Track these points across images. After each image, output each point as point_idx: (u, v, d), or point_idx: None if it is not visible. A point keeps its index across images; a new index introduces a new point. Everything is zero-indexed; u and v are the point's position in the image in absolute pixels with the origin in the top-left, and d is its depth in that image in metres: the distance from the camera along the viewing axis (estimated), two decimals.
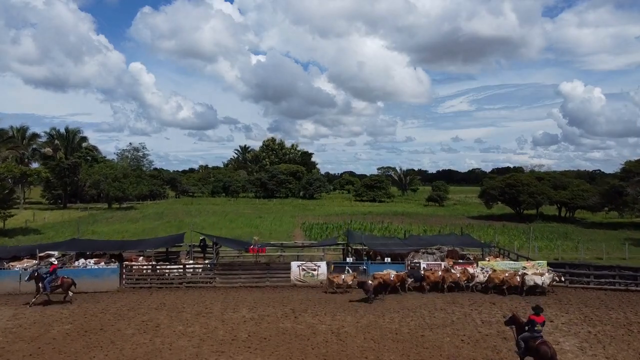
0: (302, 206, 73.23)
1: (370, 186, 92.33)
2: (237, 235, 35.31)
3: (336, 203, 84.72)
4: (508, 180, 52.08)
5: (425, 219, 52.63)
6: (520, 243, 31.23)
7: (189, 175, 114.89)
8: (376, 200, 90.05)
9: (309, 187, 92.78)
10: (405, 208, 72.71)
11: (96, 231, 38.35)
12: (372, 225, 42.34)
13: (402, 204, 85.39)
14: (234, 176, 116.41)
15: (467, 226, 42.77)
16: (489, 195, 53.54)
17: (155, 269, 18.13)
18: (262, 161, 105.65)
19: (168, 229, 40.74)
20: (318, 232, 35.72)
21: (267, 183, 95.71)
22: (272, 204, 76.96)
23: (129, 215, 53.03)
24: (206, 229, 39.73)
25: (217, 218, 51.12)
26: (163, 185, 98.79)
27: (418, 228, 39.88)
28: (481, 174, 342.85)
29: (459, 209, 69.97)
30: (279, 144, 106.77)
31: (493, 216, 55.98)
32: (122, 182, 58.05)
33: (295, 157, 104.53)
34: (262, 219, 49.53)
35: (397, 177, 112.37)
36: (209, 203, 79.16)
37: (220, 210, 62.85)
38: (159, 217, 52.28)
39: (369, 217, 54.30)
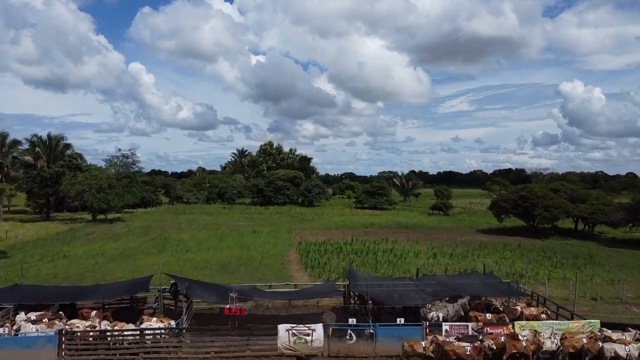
0: (300, 216, 69.39)
1: (371, 193, 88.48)
2: (225, 260, 31.52)
3: (336, 211, 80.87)
4: (521, 192, 48.25)
5: (431, 234, 48.79)
6: (545, 272, 27.38)
7: (183, 180, 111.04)
8: (377, 208, 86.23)
9: (308, 194, 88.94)
10: (409, 218, 68.86)
11: (69, 253, 34.52)
12: (375, 245, 38.48)
13: (404, 212, 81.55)
14: (230, 181, 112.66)
15: (479, 246, 38.95)
16: (500, 208, 49.72)
17: (105, 334, 14.31)
18: (259, 166, 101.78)
19: (151, 249, 36.94)
20: (315, 256, 31.91)
21: (264, 189, 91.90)
22: (269, 213, 73.13)
23: (112, 230, 49.18)
24: (192, 250, 35.96)
25: (207, 233, 47.29)
26: (156, 192, 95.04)
27: (426, 250, 36.04)
28: (482, 176, 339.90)
29: (465, 219, 66.10)
30: (276, 148, 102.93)
31: (504, 229, 52.17)
32: (108, 192, 54.19)
33: (294, 162, 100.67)
34: (256, 235, 45.67)
35: (399, 182, 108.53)
36: (202, 212, 75.31)
37: (212, 221, 59.01)
38: (144, 232, 48.43)
39: (371, 231, 50.46)
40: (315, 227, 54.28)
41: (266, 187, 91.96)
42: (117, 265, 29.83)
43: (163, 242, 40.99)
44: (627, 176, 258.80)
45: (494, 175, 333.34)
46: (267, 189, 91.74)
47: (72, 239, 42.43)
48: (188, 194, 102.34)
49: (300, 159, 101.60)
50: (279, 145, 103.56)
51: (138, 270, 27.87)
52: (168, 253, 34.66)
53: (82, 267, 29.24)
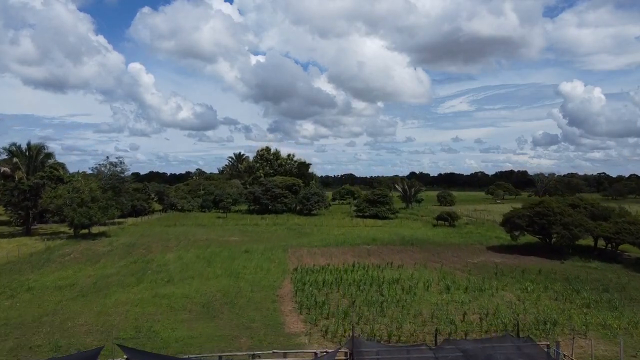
0: (298, 228, 65.51)
1: (372, 201, 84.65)
2: (209, 295, 27.63)
3: (335, 221, 76.99)
4: (537, 207, 44.35)
5: (439, 253, 44.93)
6: (580, 317, 23.47)
7: (177, 186, 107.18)
8: (379, 216, 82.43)
9: (306, 202, 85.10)
10: (413, 230, 64.99)
11: (35, 285, 30.65)
12: (379, 271, 34.59)
13: (408, 221, 77.67)
14: (227, 187, 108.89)
15: (495, 272, 35.07)
16: (513, 225, 45.80)
17: None
18: (256, 172, 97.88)
19: (129, 277, 33.06)
20: (312, 290, 28.03)
21: (261, 197, 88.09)
22: (265, 225, 69.27)
23: (93, 249, 45.30)
24: (173, 280, 32.05)
25: (195, 253, 43.42)
26: (148, 200, 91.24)
27: (437, 277, 32.13)
28: (484, 178, 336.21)
29: (473, 232, 62.18)
30: (274, 153, 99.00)
31: (517, 247, 48.30)
32: (90, 207, 50.30)
33: (292, 168, 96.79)
34: (248, 257, 41.78)
35: (401, 188, 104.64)
36: (194, 222, 71.45)
37: (203, 236, 55.15)
38: (127, 251, 44.57)
39: (374, 250, 46.59)
40: (313, 244, 50.43)
41: (263, 194, 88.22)
42: (84, 304, 25.95)
43: (144, 266, 37.09)
44: (631, 179, 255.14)
45: (495, 178, 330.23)
46: (264, 196, 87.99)
47: (45, 263, 38.55)
48: (182, 201, 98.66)
49: (298, 164, 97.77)
50: (276, 151, 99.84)
51: (105, 313, 24.02)
52: (146, 284, 30.77)
53: (43, 307, 25.36)
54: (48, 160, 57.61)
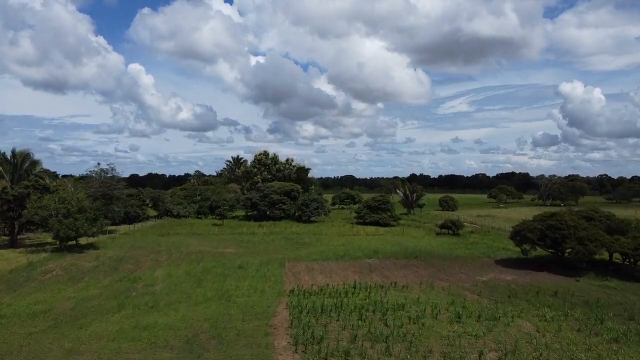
0: (296, 237, 62.88)
1: (373, 208, 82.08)
2: (195, 326, 25.01)
3: (335, 229, 74.43)
4: (549, 221, 41.76)
5: (446, 269, 42.35)
6: (612, 358, 20.84)
7: (173, 191, 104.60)
8: (380, 223, 79.89)
9: (305, 209, 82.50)
10: (417, 240, 62.42)
11: (7, 312, 28.06)
12: (383, 294, 31.99)
13: (410, 229, 75.08)
14: (224, 192, 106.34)
15: (508, 295, 32.44)
16: (524, 238, 43.19)
17: None
18: (254, 177, 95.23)
19: (110, 301, 30.47)
20: (309, 320, 25.40)
21: (259, 204, 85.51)
22: (262, 234, 66.67)
23: (78, 264, 42.69)
24: (158, 305, 29.43)
25: (186, 269, 40.87)
26: (142, 206, 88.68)
27: (446, 302, 29.49)
28: (485, 180, 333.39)
29: (479, 243, 59.61)
30: (272, 158, 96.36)
31: (527, 261, 45.75)
32: (77, 218, 47.70)
33: (291, 174, 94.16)
34: (242, 273, 39.19)
35: (403, 193, 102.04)
36: (189, 231, 68.85)
37: (196, 248, 52.54)
38: (114, 267, 42.00)
39: (376, 265, 43.97)
40: (312, 257, 47.81)
41: (260, 201, 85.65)
42: (56, 338, 23.33)
43: (130, 286, 34.51)
44: (634, 181, 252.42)
45: (497, 179, 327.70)
46: (262, 203, 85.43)
47: (23, 282, 35.96)
48: (178, 207, 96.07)
49: (297, 169, 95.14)
50: (274, 155, 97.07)
51: (76, 351, 21.37)
52: (129, 310, 28.18)
53: (9, 342, 22.75)
54: (34, 168, 55.11)
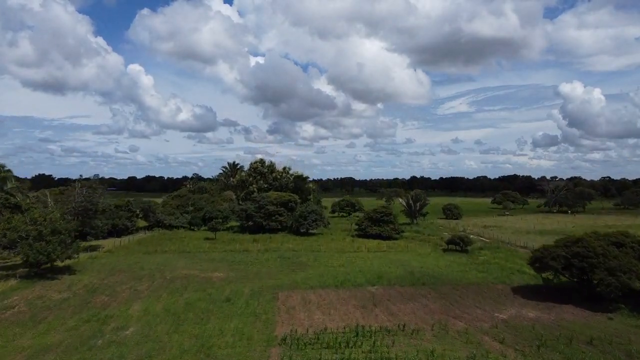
0: (293, 256, 58.28)
1: (375, 220, 77.54)
2: None
3: (335, 243, 69.95)
4: (575, 248, 37.18)
5: (459, 301, 37.74)
6: None
7: (165, 200, 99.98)
8: (383, 237, 75.39)
9: (303, 221, 77.93)
10: (422, 258, 57.89)
11: None
12: (390, 341, 27.40)
13: (415, 244, 70.52)
14: (219, 201, 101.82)
15: (537, 343, 27.82)
16: (546, 266, 38.63)
17: None
18: (249, 187, 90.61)
19: (67, 356, 25.87)
20: None
21: (254, 215, 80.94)
22: (256, 251, 62.09)
23: (45, 296, 38.09)
24: None
25: (166, 303, 36.31)
26: (132, 218, 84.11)
27: (464, 353, 24.88)
28: (487, 183, 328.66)
29: (491, 263, 55.03)
30: (268, 166, 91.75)
31: (549, 289, 41.21)
32: (50, 240, 43.13)
33: (288, 183, 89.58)
34: (229, 310, 34.61)
35: (406, 202, 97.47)
36: (178, 248, 64.25)
37: (182, 272, 47.94)
38: (87, 298, 37.39)
39: (380, 295, 39.35)
40: (309, 283, 43.23)
41: (256, 212, 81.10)
42: None
43: (97, 330, 29.89)
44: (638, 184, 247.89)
45: (499, 182, 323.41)
46: (257, 214, 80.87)
47: None
48: (170, 217, 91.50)
49: (294, 178, 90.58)
50: (271, 163, 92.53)
51: None
52: None
53: None
54: (5, 184, 50.54)
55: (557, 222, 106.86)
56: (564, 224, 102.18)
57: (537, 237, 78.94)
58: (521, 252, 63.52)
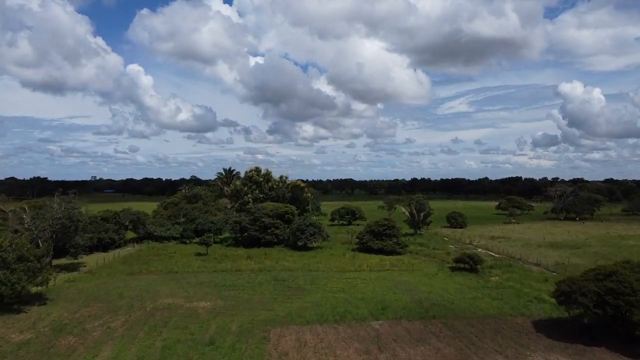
0: (289, 278, 53.64)
1: (378, 233, 72.91)
2: None
3: (335, 260, 65.39)
4: (608, 282, 32.56)
5: (476, 342, 33.07)
6: None
7: (156, 211, 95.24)
8: (386, 251, 70.80)
9: (301, 235, 73.28)
10: (430, 280, 53.30)
11: None
12: None
13: (420, 262, 65.83)
14: (213, 210, 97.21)
15: None
16: (574, 301, 33.93)
17: None
18: (244, 197, 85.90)
19: None
20: None
21: (249, 228, 76.28)
22: (249, 272, 57.48)
23: (5, 337, 33.43)
24: None
25: (142, 343, 31.64)
26: (119, 230, 79.48)
27: None
28: (489, 185, 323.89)
29: (504, 286, 50.38)
30: (264, 175, 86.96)
31: (576, 326, 36.55)
32: (15, 269, 38.46)
33: (285, 193, 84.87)
34: (212, 355, 29.95)
35: (409, 212, 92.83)
36: (165, 268, 59.59)
37: (166, 299, 43.26)
38: (50, 342, 32.70)
39: (385, 334, 34.70)
40: (305, 316, 38.58)
41: (251, 225, 76.46)
42: None
43: None
44: None
45: (501, 184, 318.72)
46: (252, 227, 76.23)
47: None
48: (160, 228, 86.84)
49: (292, 187, 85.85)
50: (267, 172, 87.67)
51: None
52: None
53: None
54: None
55: (566, 231, 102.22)
56: (574, 234, 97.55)
57: (550, 252, 74.40)
58: (535, 271, 58.98)
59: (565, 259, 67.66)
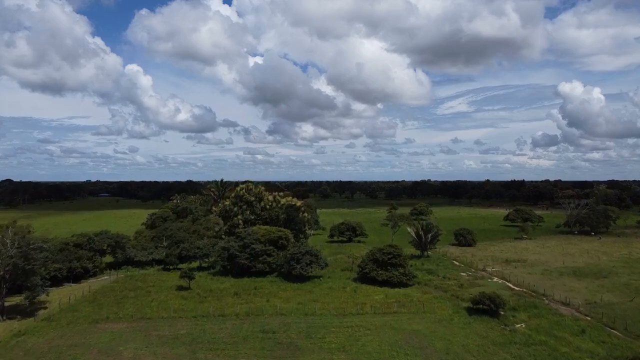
0: (281, 327, 45.69)
1: (382, 263, 64.95)
2: None
3: (334, 295, 57.64)
4: None
5: None
6: None
7: (139, 231, 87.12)
8: (391, 284, 62.96)
9: (296, 264, 65.32)
10: (444, 330, 45.36)
11: None
12: None
13: (430, 300, 57.81)
14: (201, 230, 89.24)
15: None
16: None
17: None
18: (234, 219, 77.82)
19: None
20: None
21: (238, 255, 68.29)
22: (233, 318, 49.49)
23: None
24: None
25: None
26: (94, 257, 71.53)
27: None
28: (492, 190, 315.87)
29: (534, 342, 42.37)
30: (256, 193, 78.67)
31: None
32: None
33: (279, 214, 76.81)
34: None
35: (415, 233, 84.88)
36: (138, 312, 51.56)
37: None
38: None
39: None
40: None
41: (240, 252, 68.45)
42: None
43: None
44: None
45: (505, 189, 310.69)
46: (242, 254, 68.23)
47: None
48: (142, 253, 78.90)
49: (286, 208, 77.78)
50: (259, 190, 79.45)
51: None
52: None
53: None
54: None
55: (585, 251, 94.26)
56: (594, 254, 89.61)
57: (574, 282, 66.50)
58: (565, 314, 51.02)
59: (594, 293, 59.84)
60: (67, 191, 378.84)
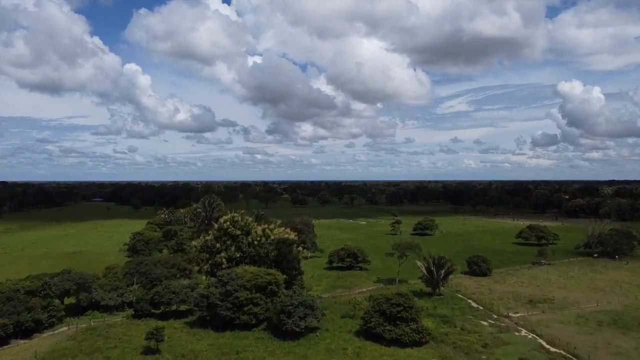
0: None
1: (390, 317, 54.31)
2: None
3: (332, 358, 46.95)
4: None
5: None
6: None
7: (109, 267, 75.99)
8: (401, 343, 52.42)
9: (287, 319, 54.59)
10: None
11: None
12: None
13: None
14: (181, 262, 78.46)
15: None
16: None
17: None
18: (215, 257, 66.80)
19: None
20: None
21: (219, 305, 57.54)
22: None
23: None
24: None
25: None
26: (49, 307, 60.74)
27: None
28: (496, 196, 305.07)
29: None
30: (242, 226, 67.39)
31: None
32: None
33: (268, 252, 65.83)
34: None
35: (426, 269, 74.18)
36: None
37: None
38: None
39: None
40: None
41: (222, 300, 57.70)
42: None
43: None
44: None
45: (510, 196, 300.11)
46: (224, 303, 57.49)
47: None
48: (111, 294, 68.07)
49: (277, 242, 66.84)
50: (247, 222, 68.31)
51: None
52: None
53: None
54: None
55: (616, 283, 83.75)
56: (628, 289, 79.13)
57: (619, 338, 55.90)
58: None
59: None
60: (59, 196, 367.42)
